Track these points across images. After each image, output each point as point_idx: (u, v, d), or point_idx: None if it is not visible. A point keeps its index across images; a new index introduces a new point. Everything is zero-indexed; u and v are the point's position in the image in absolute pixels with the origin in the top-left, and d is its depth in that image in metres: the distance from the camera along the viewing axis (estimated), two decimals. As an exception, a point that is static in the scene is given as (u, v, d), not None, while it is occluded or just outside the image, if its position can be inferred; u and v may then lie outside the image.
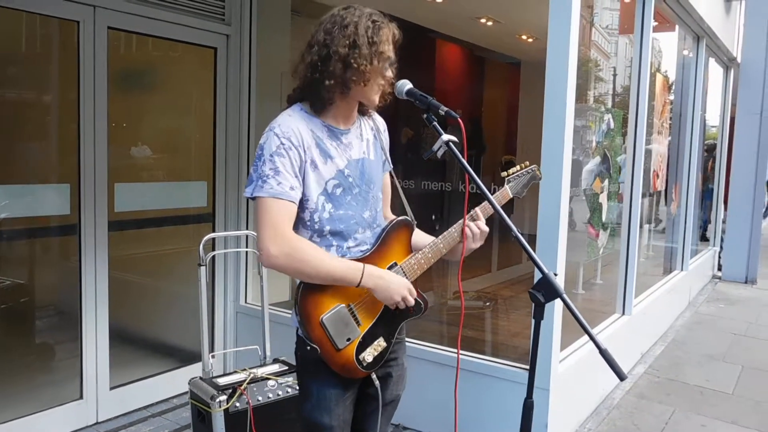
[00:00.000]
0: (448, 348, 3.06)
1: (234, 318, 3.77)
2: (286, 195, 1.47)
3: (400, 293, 1.55)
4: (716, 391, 3.80)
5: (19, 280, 3.08)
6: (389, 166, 1.77)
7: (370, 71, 1.51)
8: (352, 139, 1.63)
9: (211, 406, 2.34)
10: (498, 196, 1.75)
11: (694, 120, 5.92)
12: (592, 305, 4.74)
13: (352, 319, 1.57)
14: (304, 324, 1.53)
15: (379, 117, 1.76)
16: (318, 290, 1.53)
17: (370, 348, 1.59)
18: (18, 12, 2.77)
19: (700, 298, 6.37)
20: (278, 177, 1.47)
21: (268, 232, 1.45)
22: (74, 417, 3.04)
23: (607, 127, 4.08)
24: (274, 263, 1.46)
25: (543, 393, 2.73)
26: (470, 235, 1.65)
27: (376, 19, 1.54)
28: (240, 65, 3.64)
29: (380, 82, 1.57)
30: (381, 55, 1.52)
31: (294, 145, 1.49)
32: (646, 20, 4.05)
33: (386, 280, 1.55)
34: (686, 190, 5.91)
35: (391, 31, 1.57)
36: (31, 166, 2.99)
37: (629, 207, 4.02)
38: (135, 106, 3.43)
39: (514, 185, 1.83)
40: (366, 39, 1.49)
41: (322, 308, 1.53)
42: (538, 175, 1.91)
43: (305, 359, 1.61)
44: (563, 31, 2.63)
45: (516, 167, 1.86)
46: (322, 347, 1.53)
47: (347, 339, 1.55)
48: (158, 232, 3.56)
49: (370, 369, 1.61)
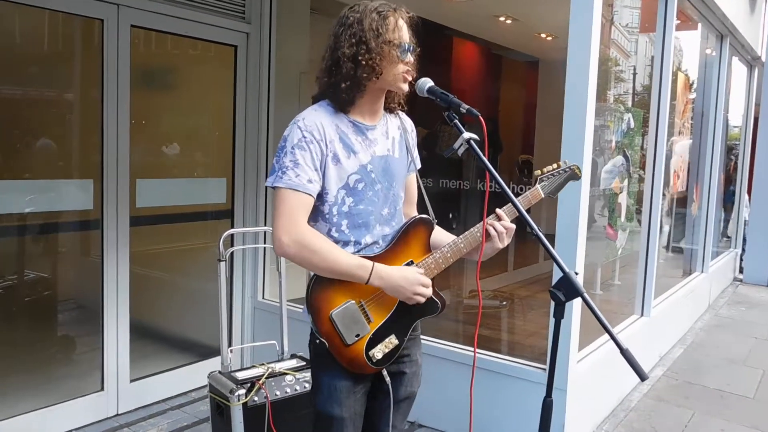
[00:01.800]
0: (466, 346, 3.05)
1: (252, 313, 3.80)
2: (303, 187, 1.50)
3: (411, 290, 1.54)
4: (737, 395, 3.75)
5: (43, 274, 3.15)
6: (416, 166, 1.78)
7: (381, 63, 1.52)
8: (378, 135, 1.63)
9: (230, 399, 2.36)
10: (528, 195, 1.70)
11: (717, 120, 5.82)
12: (610, 306, 4.69)
13: (362, 316, 1.57)
14: (313, 318, 1.55)
15: (407, 117, 1.77)
16: (329, 285, 1.54)
17: (381, 345, 1.59)
18: (43, 10, 2.82)
19: (721, 300, 6.27)
20: (297, 169, 1.49)
21: (282, 221, 1.49)
22: (95, 408, 3.10)
23: (627, 126, 4.04)
24: (286, 252, 1.50)
25: (560, 393, 2.71)
26: (495, 234, 1.60)
27: (381, 10, 1.54)
28: (259, 63, 3.66)
29: (400, 69, 1.56)
30: (391, 44, 1.53)
31: (316, 139, 1.51)
32: (669, 19, 3.99)
33: (395, 278, 1.54)
34: (707, 191, 5.82)
35: (399, 16, 1.56)
36: (55, 161, 3.05)
37: (649, 207, 3.97)
38: (156, 103, 3.48)
39: (548, 184, 1.73)
40: (372, 33, 1.51)
41: (332, 303, 1.54)
42: (577, 174, 1.78)
43: (316, 352, 1.63)
44: (585, 29, 2.61)
45: (551, 165, 1.75)
46: (330, 342, 1.55)
47: (356, 335, 1.55)
48: (178, 228, 3.61)
49: (380, 366, 1.61)
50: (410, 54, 1.57)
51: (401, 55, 1.55)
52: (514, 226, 1.64)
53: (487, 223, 1.61)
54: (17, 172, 2.88)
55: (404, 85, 1.59)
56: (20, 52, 2.92)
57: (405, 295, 1.55)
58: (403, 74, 1.57)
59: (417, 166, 1.78)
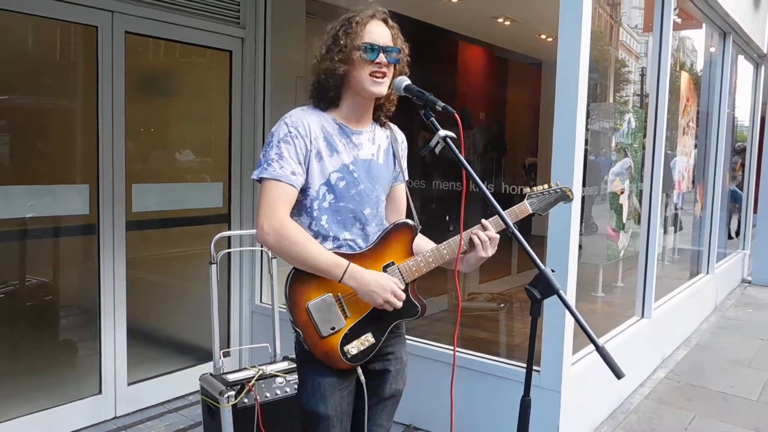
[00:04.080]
0: (464, 350, 3.04)
1: (249, 317, 3.82)
2: (286, 178, 1.55)
3: (382, 296, 1.54)
4: (740, 398, 3.69)
5: (43, 279, 3.18)
6: (404, 178, 1.80)
7: (344, 67, 1.58)
8: (363, 140, 1.67)
9: (219, 401, 2.37)
10: (515, 210, 1.71)
11: (721, 119, 5.76)
12: (613, 308, 4.65)
13: (339, 309, 1.58)
14: (291, 309, 1.58)
15: (398, 129, 1.80)
16: (309, 278, 1.57)
17: (357, 341, 1.60)
18: (38, 18, 2.86)
19: (728, 302, 6.19)
20: (282, 162, 1.55)
21: (264, 210, 1.54)
22: (93, 411, 3.12)
23: (628, 127, 4.01)
24: (265, 240, 1.54)
25: (554, 395, 2.69)
26: (478, 243, 1.62)
27: (351, 17, 1.61)
28: (255, 68, 3.69)
29: (367, 71, 1.58)
30: (351, 47, 1.57)
31: (301, 135, 1.57)
32: (666, 17, 3.97)
33: (368, 281, 1.54)
34: (711, 192, 5.75)
35: (374, 21, 1.61)
36: (51, 167, 3.09)
37: (648, 208, 3.93)
38: (152, 108, 3.51)
39: (536, 201, 1.75)
40: (337, 36, 1.60)
41: (310, 294, 1.57)
42: (569, 196, 1.82)
43: (300, 350, 1.65)
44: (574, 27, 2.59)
45: (543, 186, 1.78)
46: (305, 332, 1.57)
47: (332, 328, 1.57)
48: (175, 232, 3.63)
49: (355, 362, 1.61)
50: (382, 54, 1.58)
51: (366, 55, 1.57)
52: (498, 236, 1.64)
53: (472, 232, 1.63)
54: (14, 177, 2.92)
55: (373, 87, 1.60)
56: (16, 59, 2.96)
57: (375, 301, 1.55)
58: (370, 76, 1.58)
59: (405, 178, 1.81)
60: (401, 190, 1.80)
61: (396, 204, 1.79)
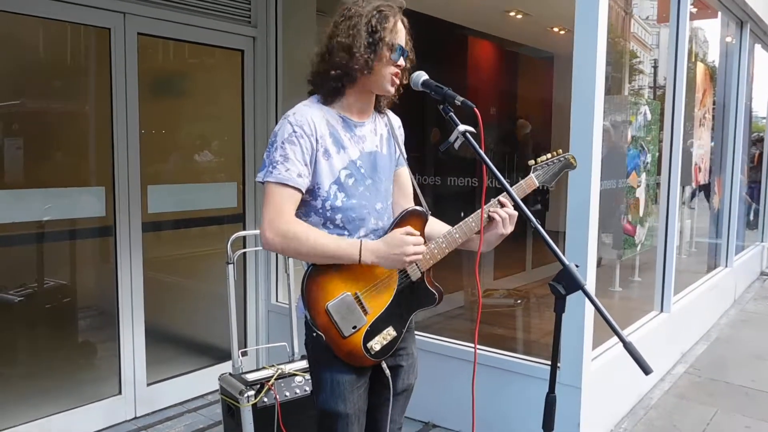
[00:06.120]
0: (480, 346, 3.01)
1: (266, 316, 3.82)
2: (292, 181, 1.50)
3: (404, 252, 1.50)
4: (763, 392, 3.63)
5: (62, 281, 3.21)
6: (405, 161, 1.77)
7: (374, 60, 1.52)
8: (366, 132, 1.64)
9: (239, 401, 2.37)
10: (522, 185, 1.68)
11: (738, 110, 5.67)
12: (631, 303, 4.60)
13: (358, 307, 1.56)
14: (309, 311, 1.55)
15: (393, 114, 1.76)
16: (324, 278, 1.54)
17: (379, 336, 1.58)
18: (51, 21, 2.87)
19: (747, 295, 6.10)
20: (287, 164, 1.50)
21: (268, 216, 1.49)
22: (113, 412, 3.14)
23: (644, 119, 3.95)
24: (272, 246, 1.50)
25: (575, 391, 2.66)
26: (499, 220, 1.59)
27: (383, 9, 1.54)
28: (267, 67, 3.68)
29: (390, 70, 1.55)
30: (385, 43, 1.52)
31: (306, 134, 1.52)
32: (683, 7, 3.90)
33: (382, 251, 1.51)
34: (730, 184, 5.67)
35: (399, 19, 1.57)
36: (67, 170, 3.11)
37: (666, 201, 3.88)
38: (165, 109, 3.52)
39: (542, 173, 1.72)
40: (369, 28, 1.51)
41: (327, 295, 1.54)
42: (572, 163, 1.77)
43: (315, 349, 1.62)
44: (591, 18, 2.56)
45: (546, 155, 1.75)
46: (327, 334, 1.54)
47: (353, 327, 1.54)
48: (191, 233, 3.64)
49: (379, 358, 1.60)
50: (403, 59, 1.57)
51: (393, 56, 1.54)
52: (516, 213, 1.61)
53: (491, 210, 1.60)
54: (30, 180, 2.93)
55: (391, 87, 1.58)
56: (30, 63, 2.97)
57: (401, 259, 1.52)
58: (391, 76, 1.56)
59: (404, 162, 1.77)
60: (405, 173, 1.77)
61: (402, 188, 1.76)
